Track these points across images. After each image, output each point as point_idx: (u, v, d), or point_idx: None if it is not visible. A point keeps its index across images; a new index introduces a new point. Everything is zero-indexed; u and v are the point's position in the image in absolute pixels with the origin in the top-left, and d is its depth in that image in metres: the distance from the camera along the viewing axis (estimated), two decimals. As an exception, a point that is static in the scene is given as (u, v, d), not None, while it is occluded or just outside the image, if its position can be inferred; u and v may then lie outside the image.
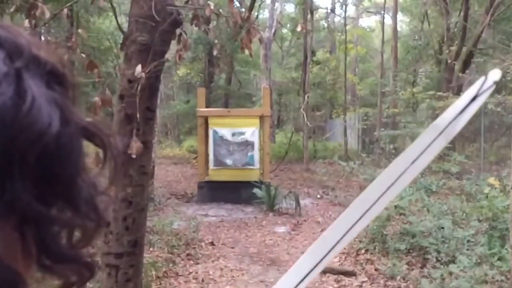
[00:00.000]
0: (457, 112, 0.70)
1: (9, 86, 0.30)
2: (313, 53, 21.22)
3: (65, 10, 3.32)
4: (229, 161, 10.62)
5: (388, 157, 12.53)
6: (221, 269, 6.08)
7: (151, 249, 6.23)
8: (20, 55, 0.31)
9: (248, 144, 10.67)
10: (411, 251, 6.32)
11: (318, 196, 11.44)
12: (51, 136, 0.30)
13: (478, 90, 0.72)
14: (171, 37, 2.89)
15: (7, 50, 0.31)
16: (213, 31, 3.07)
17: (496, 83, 0.73)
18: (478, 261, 5.24)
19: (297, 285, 0.65)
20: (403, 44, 22.30)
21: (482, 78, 0.72)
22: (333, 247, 0.65)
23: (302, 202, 9.81)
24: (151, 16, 2.69)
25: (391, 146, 13.62)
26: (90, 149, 0.37)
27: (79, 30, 3.62)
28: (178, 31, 2.96)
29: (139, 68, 2.60)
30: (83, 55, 3.36)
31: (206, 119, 10.84)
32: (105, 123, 0.38)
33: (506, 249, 5.19)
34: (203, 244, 7.18)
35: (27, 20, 3.08)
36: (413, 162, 0.66)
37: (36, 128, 0.30)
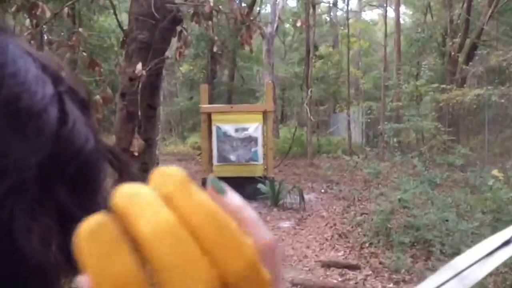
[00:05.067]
0: (482, 255, 0.58)
1: (55, 106, 0.35)
2: (316, 47, 21.16)
3: (66, 9, 3.34)
4: (232, 157, 10.63)
5: (392, 151, 12.49)
6: (226, 264, 6.10)
7: (156, 245, 6.26)
8: (61, 83, 0.37)
9: (251, 140, 10.68)
10: (415, 244, 6.33)
11: (322, 190, 11.45)
12: (88, 151, 0.36)
13: None
14: (171, 35, 2.90)
15: (51, 76, 0.36)
16: (213, 27, 3.07)
17: None
18: (483, 253, 5.24)
19: None
20: (406, 37, 22.19)
21: None
22: None
23: (306, 197, 9.82)
24: (151, 14, 2.70)
25: (395, 140, 13.57)
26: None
27: (80, 29, 3.64)
28: (178, 28, 2.96)
29: (139, 66, 2.61)
30: (85, 54, 3.38)
31: (209, 116, 10.85)
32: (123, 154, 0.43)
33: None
34: (208, 240, 7.20)
35: (28, 20, 3.10)
36: None
37: (77, 143, 0.35)
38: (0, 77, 0.33)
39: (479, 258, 0.56)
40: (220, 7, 3.03)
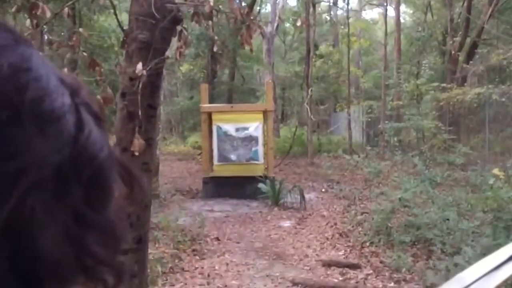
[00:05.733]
0: (490, 268, 0.59)
1: (72, 115, 0.37)
2: (316, 46, 21.14)
3: (66, 9, 3.33)
4: (233, 157, 10.64)
5: (393, 150, 12.49)
6: (227, 264, 6.11)
7: (157, 245, 6.27)
8: (77, 95, 0.39)
9: (252, 139, 10.69)
10: (416, 243, 6.33)
11: (323, 190, 11.45)
12: (102, 159, 0.38)
13: None
14: (172, 34, 2.89)
15: (68, 89, 0.39)
16: (213, 27, 3.07)
17: None
18: (483, 252, 5.24)
19: None
20: (406, 36, 22.17)
21: None
22: None
23: (307, 196, 9.83)
24: (151, 14, 2.70)
25: (396, 139, 13.58)
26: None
27: (80, 29, 3.64)
28: (178, 28, 2.96)
29: (139, 66, 2.61)
30: (85, 54, 3.38)
31: (209, 115, 10.86)
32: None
33: (511, 240, 5.18)
34: (208, 239, 7.22)
35: (28, 20, 3.10)
36: None
37: (92, 150, 0.38)
38: (26, 80, 0.35)
39: (485, 272, 0.56)
40: (220, 6, 3.03)
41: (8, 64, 0.35)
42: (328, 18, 29.03)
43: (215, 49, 4.09)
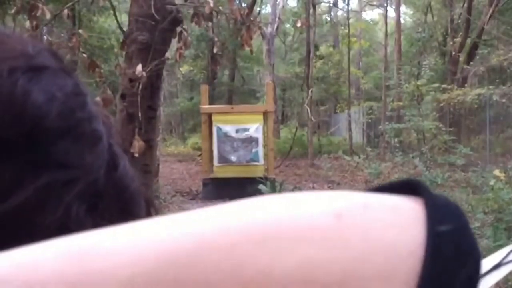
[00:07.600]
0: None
1: (106, 141, 0.42)
2: (316, 47, 21.14)
3: (66, 11, 3.33)
4: (233, 158, 10.62)
5: (393, 151, 12.48)
6: (227, 265, 6.09)
7: (157, 246, 6.25)
8: (110, 129, 0.44)
9: (252, 140, 10.67)
10: (417, 244, 6.31)
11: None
12: (133, 189, 0.43)
13: (504, 258, 0.59)
14: (171, 36, 2.89)
15: (106, 129, 0.43)
16: (213, 28, 3.06)
17: None
18: (484, 253, 5.21)
19: None
20: (406, 37, 22.16)
21: (510, 246, 0.59)
22: None
23: (307, 197, 9.80)
24: (151, 15, 2.69)
25: (396, 140, 13.56)
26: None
27: (80, 30, 3.63)
28: (178, 29, 2.96)
29: (139, 67, 2.60)
30: (85, 55, 3.37)
31: (209, 116, 10.84)
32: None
33: (511, 241, 5.17)
34: (209, 241, 7.19)
35: (28, 21, 3.09)
36: None
37: (126, 180, 0.42)
38: (83, 101, 0.40)
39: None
40: (220, 7, 3.02)
41: (71, 84, 0.40)
42: (328, 19, 29.04)
43: (215, 50, 4.09)
